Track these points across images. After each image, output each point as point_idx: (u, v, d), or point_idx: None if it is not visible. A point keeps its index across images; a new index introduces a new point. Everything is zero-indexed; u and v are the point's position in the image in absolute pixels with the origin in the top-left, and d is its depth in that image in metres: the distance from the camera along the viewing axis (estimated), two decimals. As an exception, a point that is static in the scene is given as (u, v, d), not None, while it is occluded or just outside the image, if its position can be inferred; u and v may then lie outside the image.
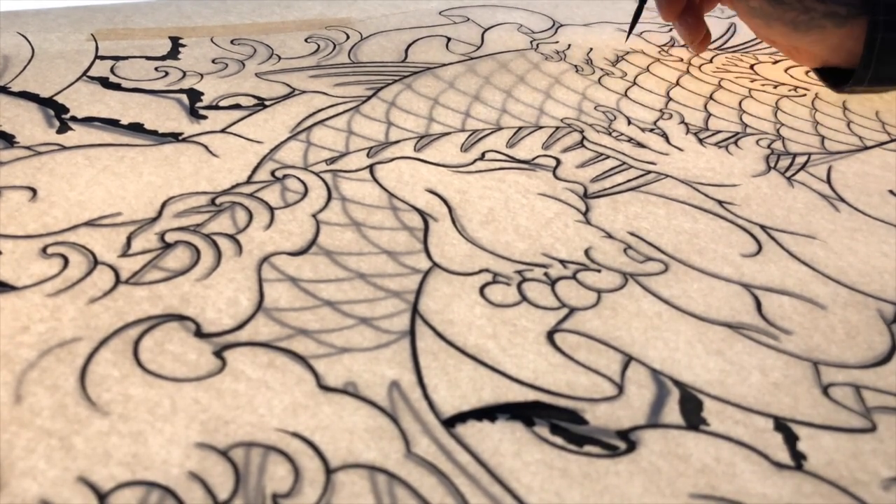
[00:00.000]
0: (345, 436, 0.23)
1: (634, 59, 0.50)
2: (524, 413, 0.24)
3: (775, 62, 0.52)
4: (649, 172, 0.38)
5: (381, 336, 0.27)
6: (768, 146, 0.41)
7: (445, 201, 0.34)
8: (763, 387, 0.26)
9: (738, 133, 0.42)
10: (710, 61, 0.51)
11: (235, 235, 0.31)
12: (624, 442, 0.24)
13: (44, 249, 0.29)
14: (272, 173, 0.35)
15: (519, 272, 0.30)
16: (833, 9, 0.40)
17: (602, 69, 0.48)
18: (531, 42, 0.52)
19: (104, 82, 0.42)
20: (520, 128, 0.41)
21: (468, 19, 0.55)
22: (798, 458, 0.24)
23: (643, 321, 0.28)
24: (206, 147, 0.36)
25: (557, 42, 0.52)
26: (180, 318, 0.27)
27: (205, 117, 0.39)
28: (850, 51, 0.41)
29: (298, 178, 0.35)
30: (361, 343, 0.26)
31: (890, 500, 0.23)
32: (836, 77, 0.44)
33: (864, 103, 0.47)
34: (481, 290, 0.29)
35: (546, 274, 0.30)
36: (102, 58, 0.45)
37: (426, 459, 0.23)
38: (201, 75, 0.43)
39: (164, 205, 0.32)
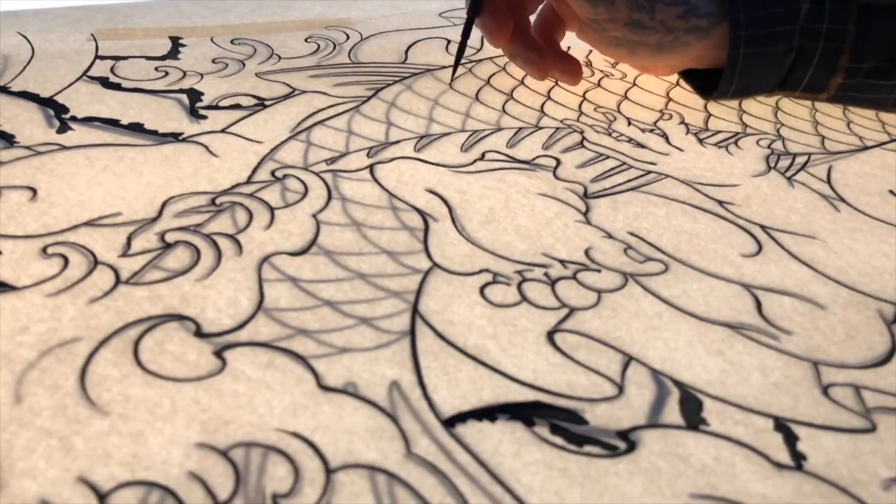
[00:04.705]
0: (345, 436, 0.23)
1: (634, 60, 0.50)
2: (524, 413, 0.24)
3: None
4: (649, 172, 0.38)
5: (381, 336, 0.27)
6: (768, 146, 0.41)
7: (445, 201, 0.34)
8: (763, 387, 0.26)
9: (738, 133, 0.42)
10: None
11: (235, 235, 0.31)
12: (624, 442, 0.24)
13: (44, 249, 0.29)
14: (272, 173, 0.35)
15: (519, 272, 0.30)
16: (695, 23, 0.38)
17: (602, 70, 0.48)
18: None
19: (104, 82, 0.42)
20: (520, 128, 0.41)
21: (468, 19, 0.54)
22: (798, 459, 0.24)
23: (643, 321, 0.28)
24: (206, 147, 0.36)
25: (557, 42, 0.52)
26: (180, 318, 0.27)
27: (205, 117, 0.39)
28: (712, 57, 0.40)
29: (298, 178, 0.35)
30: (361, 343, 0.26)
31: (890, 501, 0.23)
32: (698, 76, 0.43)
33: (864, 104, 0.47)
34: (481, 290, 0.29)
35: (546, 274, 0.30)
36: (102, 58, 0.44)
37: (426, 459, 0.23)
38: (201, 75, 0.43)
39: (164, 205, 0.32)
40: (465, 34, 0.42)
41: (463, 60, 0.48)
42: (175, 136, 0.37)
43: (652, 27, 0.38)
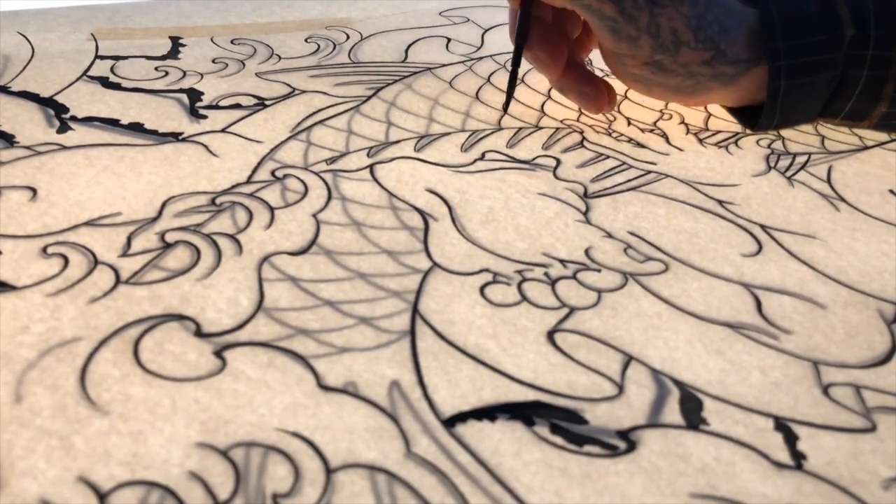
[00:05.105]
0: (345, 435, 0.23)
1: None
2: (524, 413, 0.24)
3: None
4: (649, 172, 0.38)
5: (381, 336, 0.27)
6: (768, 146, 0.41)
7: (445, 201, 0.34)
8: (763, 386, 0.26)
9: (737, 133, 0.42)
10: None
11: (235, 235, 0.31)
12: (624, 441, 0.24)
13: (44, 249, 0.29)
14: (272, 173, 0.35)
15: (519, 272, 0.30)
16: (721, 70, 0.36)
17: (602, 70, 0.48)
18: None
19: (104, 82, 0.42)
20: (520, 128, 0.41)
21: (468, 20, 0.54)
22: (798, 458, 0.24)
23: (643, 321, 0.28)
24: (206, 147, 0.36)
25: (557, 42, 0.52)
26: (180, 317, 0.27)
27: (205, 117, 0.39)
28: (739, 99, 0.39)
29: (298, 178, 0.35)
30: (361, 343, 0.26)
31: (890, 500, 0.23)
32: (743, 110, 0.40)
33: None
34: (481, 290, 0.29)
35: (546, 274, 0.30)
36: (102, 57, 0.44)
37: (426, 459, 0.23)
38: (201, 75, 0.43)
39: (164, 204, 0.32)
40: (515, 64, 0.39)
41: (462, 59, 0.48)
42: (175, 136, 0.37)
43: (673, 70, 0.36)
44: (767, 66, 0.36)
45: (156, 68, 0.44)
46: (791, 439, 0.24)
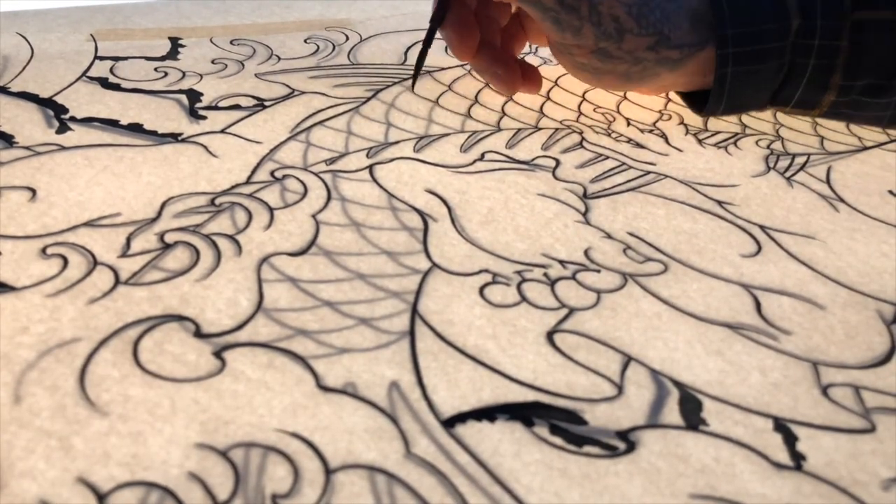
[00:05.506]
0: (344, 436, 0.23)
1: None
2: (524, 413, 0.24)
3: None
4: (649, 173, 0.38)
5: (380, 336, 0.27)
6: (767, 146, 0.41)
7: (445, 202, 0.34)
8: (762, 387, 0.26)
9: (737, 134, 0.42)
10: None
11: (235, 236, 0.31)
12: (623, 442, 0.24)
13: (43, 250, 0.29)
14: (272, 174, 0.35)
15: (518, 272, 0.30)
16: (666, 55, 0.36)
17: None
18: (529, 45, 0.52)
19: (104, 83, 0.42)
20: (519, 129, 0.41)
21: (468, 20, 0.54)
22: (797, 459, 0.24)
23: (643, 321, 0.28)
24: (205, 147, 0.36)
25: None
26: (180, 318, 0.27)
27: (204, 118, 0.39)
28: (688, 84, 0.39)
29: (298, 179, 0.35)
30: (361, 343, 0.26)
31: (889, 501, 0.23)
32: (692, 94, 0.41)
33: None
34: (481, 291, 0.29)
35: (545, 274, 0.30)
36: (102, 58, 0.45)
37: (426, 460, 0.23)
38: (201, 76, 0.43)
39: (163, 205, 0.32)
40: (426, 44, 0.41)
41: (461, 62, 0.48)
42: (174, 137, 0.37)
43: (619, 57, 0.36)
44: (715, 52, 0.36)
45: (155, 69, 0.44)
46: (790, 440, 0.24)
